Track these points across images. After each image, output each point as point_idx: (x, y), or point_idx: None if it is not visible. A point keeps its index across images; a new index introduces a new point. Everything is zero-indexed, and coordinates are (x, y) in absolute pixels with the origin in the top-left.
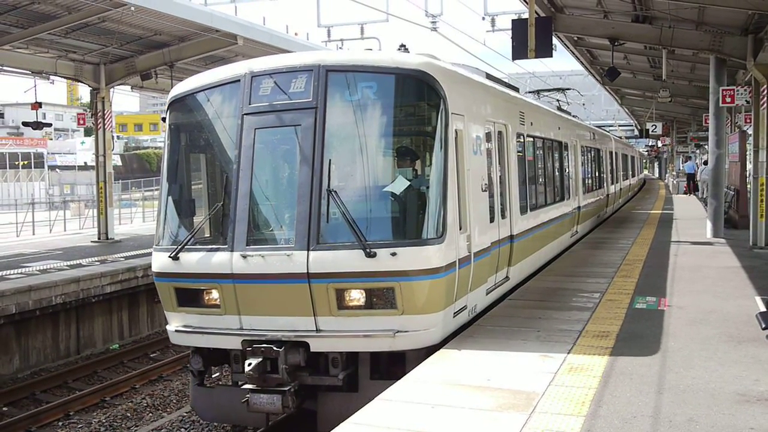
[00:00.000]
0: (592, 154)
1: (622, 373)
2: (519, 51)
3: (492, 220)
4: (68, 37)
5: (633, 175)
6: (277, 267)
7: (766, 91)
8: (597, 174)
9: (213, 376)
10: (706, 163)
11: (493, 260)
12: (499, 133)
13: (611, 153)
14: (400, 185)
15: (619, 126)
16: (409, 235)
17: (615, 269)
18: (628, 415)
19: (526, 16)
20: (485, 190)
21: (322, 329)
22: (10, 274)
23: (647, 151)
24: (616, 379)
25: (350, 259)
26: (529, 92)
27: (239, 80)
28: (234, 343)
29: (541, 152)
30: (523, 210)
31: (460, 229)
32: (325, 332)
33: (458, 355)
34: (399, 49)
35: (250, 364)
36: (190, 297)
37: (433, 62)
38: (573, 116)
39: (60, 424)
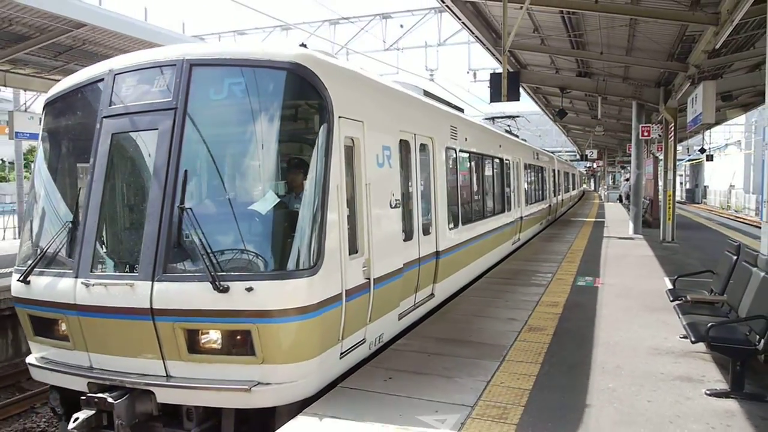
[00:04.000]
0: (536, 171)
1: (568, 332)
2: (495, 96)
3: (408, 238)
4: (42, 56)
5: (574, 189)
6: (119, 299)
7: (673, 128)
8: (541, 187)
9: None
10: (628, 180)
11: (409, 281)
12: (423, 145)
13: (554, 170)
14: (267, 203)
15: (566, 151)
16: (271, 266)
17: (562, 256)
18: (573, 363)
19: (500, 70)
20: (396, 206)
21: (172, 375)
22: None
23: (586, 170)
24: (564, 337)
25: (200, 294)
26: (486, 118)
27: (103, 79)
28: (81, 385)
29: (479, 167)
30: (454, 224)
31: (355, 252)
32: (177, 379)
33: (453, 315)
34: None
35: (76, 419)
36: (43, 326)
37: (313, 55)
38: (522, 140)
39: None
